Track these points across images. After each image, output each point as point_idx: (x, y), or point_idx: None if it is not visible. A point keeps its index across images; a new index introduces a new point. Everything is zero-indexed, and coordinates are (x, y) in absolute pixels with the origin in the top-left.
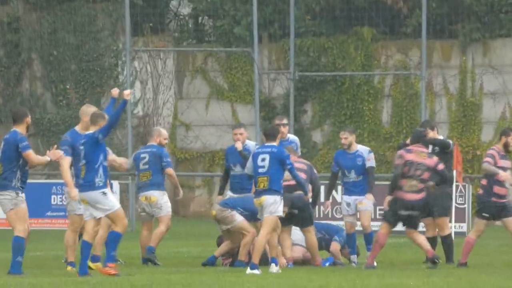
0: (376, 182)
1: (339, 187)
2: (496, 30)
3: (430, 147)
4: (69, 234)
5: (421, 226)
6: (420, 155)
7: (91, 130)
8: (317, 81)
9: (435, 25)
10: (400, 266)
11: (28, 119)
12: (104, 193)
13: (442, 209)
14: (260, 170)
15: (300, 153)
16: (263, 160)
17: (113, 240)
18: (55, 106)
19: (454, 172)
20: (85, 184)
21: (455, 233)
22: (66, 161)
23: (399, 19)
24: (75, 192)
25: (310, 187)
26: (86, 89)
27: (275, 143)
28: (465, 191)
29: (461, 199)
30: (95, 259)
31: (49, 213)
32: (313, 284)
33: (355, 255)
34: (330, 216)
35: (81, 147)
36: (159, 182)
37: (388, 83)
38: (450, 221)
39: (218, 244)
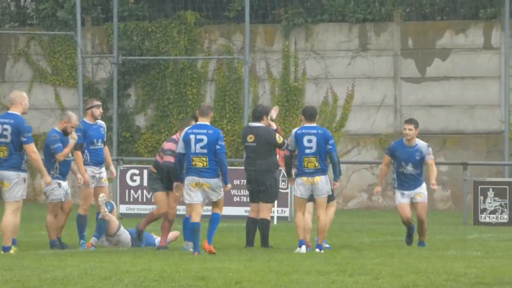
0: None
1: None
2: (318, 15)
3: None
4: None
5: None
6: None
7: None
8: (140, 65)
9: (258, 10)
10: (223, 251)
11: None
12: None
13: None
14: (307, 151)
15: None
16: (309, 141)
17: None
18: None
19: (277, 156)
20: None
21: (278, 217)
22: None
23: (222, 3)
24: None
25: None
26: None
27: (315, 124)
28: None
29: (284, 183)
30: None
31: None
32: (135, 268)
33: None
34: None
35: None
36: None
37: (212, 67)
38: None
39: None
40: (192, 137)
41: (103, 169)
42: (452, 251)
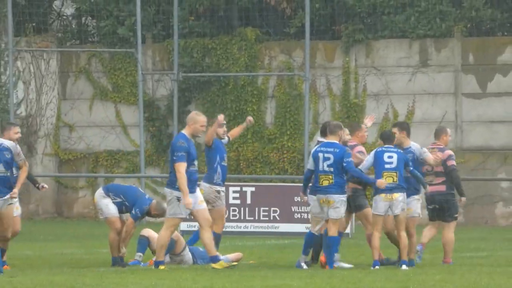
0: (265, 184)
1: None
2: (379, 31)
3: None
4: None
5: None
6: None
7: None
8: (201, 81)
9: (318, 26)
10: (284, 267)
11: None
12: None
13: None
14: (387, 166)
15: None
16: (390, 157)
17: None
18: None
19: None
20: None
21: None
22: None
23: (282, 20)
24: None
25: None
26: None
27: (391, 145)
28: None
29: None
30: None
31: None
32: (197, 285)
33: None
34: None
35: None
36: None
37: (272, 84)
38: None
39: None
40: (320, 155)
41: None
42: None
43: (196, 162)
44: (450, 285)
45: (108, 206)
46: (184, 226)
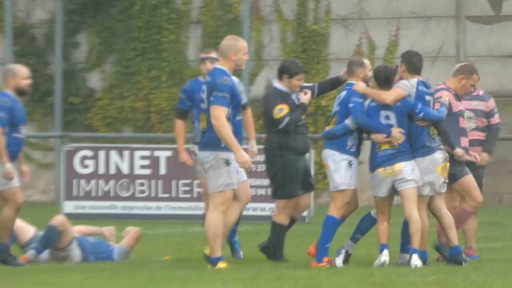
0: (187, 145)
1: None
2: None
3: None
4: None
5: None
6: None
7: None
8: (95, 0)
9: None
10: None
11: None
12: None
13: None
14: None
15: None
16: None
17: None
18: None
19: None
20: None
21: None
22: None
23: None
24: None
25: None
26: None
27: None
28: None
29: None
30: None
31: None
32: None
33: None
34: None
35: None
36: None
37: (197, 4)
38: None
39: None
40: None
41: None
42: None
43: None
44: None
45: None
46: (70, 207)
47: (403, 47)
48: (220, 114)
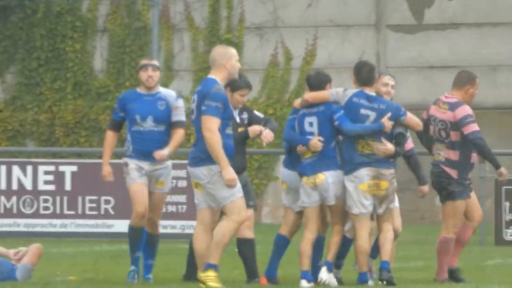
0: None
1: None
2: None
3: None
4: None
5: None
6: None
7: None
8: None
9: None
10: (121, 285)
11: None
12: None
13: None
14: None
15: None
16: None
17: None
18: None
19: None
20: None
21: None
22: None
23: None
24: None
25: None
26: None
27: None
28: None
29: None
30: None
31: None
32: None
33: None
34: None
35: None
36: None
37: (103, 11)
38: None
39: None
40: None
41: None
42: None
43: None
44: None
45: None
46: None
47: (321, 57)
48: (213, 125)
